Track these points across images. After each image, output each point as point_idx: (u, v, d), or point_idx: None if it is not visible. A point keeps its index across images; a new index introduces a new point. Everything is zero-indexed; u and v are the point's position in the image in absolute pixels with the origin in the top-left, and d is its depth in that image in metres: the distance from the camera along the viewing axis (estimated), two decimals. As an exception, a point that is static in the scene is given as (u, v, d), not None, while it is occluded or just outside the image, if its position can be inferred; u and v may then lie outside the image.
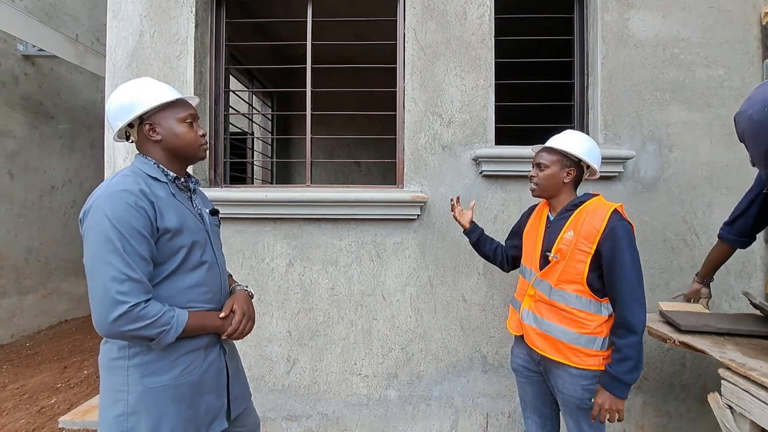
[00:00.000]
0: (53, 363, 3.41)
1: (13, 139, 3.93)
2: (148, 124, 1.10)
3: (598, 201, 1.38)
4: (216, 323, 1.13)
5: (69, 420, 2.37)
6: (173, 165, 1.15)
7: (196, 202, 1.21)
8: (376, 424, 2.17)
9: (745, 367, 1.26)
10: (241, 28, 3.19)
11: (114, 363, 1.03)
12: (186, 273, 1.09)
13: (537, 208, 1.59)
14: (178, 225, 1.05)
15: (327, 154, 5.03)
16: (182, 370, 1.06)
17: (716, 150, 2.13)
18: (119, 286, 0.94)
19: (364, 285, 2.17)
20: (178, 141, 1.12)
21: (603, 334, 1.31)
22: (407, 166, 2.15)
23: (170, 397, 1.04)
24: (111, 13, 2.18)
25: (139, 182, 1.03)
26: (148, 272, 1.00)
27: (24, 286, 4.06)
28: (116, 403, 1.01)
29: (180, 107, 1.14)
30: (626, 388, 1.22)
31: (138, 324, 0.95)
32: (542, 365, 1.44)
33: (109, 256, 0.94)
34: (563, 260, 1.33)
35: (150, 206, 1.01)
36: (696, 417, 2.12)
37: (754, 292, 2.12)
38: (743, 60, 2.13)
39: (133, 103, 1.08)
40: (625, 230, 1.27)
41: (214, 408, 1.15)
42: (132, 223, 0.96)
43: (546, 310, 1.39)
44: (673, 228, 2.13)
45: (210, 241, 1.18)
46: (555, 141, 1.43)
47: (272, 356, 2.17)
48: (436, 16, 2.14)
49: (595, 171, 1.43)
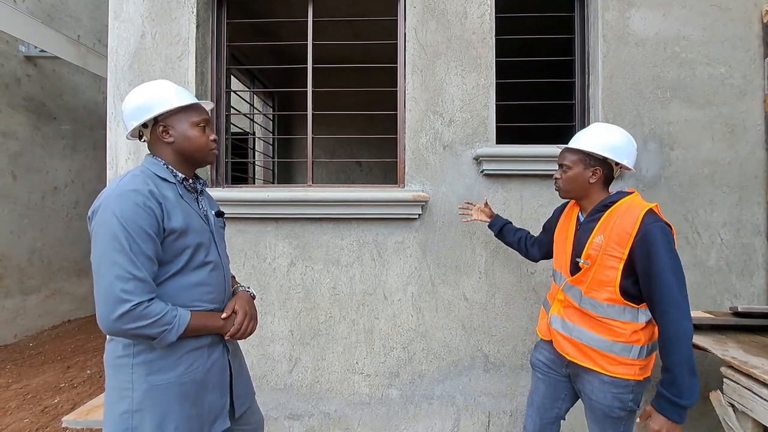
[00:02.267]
0: (56, 363, 3.43)
1: (15, 140, 3.95)
2: (162, 126, 1.12)
3: (631, 201, 1.24)
4: (218, 323, 1.13)
5: (72, 420, 2.39)
6: (182, 167, 1.16)
7: (203, 203, 1.23)
8: (377, 423, 2.18)
9: (747, 364, 1.26)
10: (242, 28, 3.20)
11: (119, 361, 1.04)
12: (190, 272, 1.10)
13: (568, 207, 1.49)
14: (184, 226, 1.07)
15: (328, 154, 5.04)
16: (186, 368, 1.07)
17: (718, 148, 2.12)
18: (124, 284, 0.95)
19: (366, 284, 2.17)
20: (190, 144, 1.14)
21: (641, 342, 1.20)
22: (408, 166, 2.15)
23: (174, 395, 1.05)
24: (112, 14, 2.19)
25: (148, 182, 1.04)
26: (153, 272, 1.01)
27: (27, 286, 4.08)
28: (121, 401, 1.02)
29: (194, 111, 1.16)
30: (683, 411, 1.09)
31: (140, 323, 0.96)
32: (570, 368, 1.37)
33: (116, 255, 0.96)
34: (593, 266, 1.23)
35: (158, 207, 1.02)
36: (698, 415, 2.12)
37: (756, 290, 2.12)
38: (744, 58, 2.12)
39: (151, 104, 1.10)
40: (662, 232, 1.14)
41: (217, 406, 1.15)
42: (139, 223, 0.98)
43: (576, 316, 1.31)
44: (675, 226, 2.09)
45: (215, 242, 1.19)
46: (576, 139, 1.34)
47: (274, 355, 2.18)
48: (437, 15, 2.14)
49: (629, 167, 1.30)
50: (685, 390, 1.07)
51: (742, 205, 2.11)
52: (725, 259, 2.12)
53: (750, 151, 2.12)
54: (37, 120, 4.19)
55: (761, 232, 2.11)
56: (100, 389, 2.83)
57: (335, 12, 2.99)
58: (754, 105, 2.12)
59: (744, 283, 2.12)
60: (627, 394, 1.22)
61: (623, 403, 1.22)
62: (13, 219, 3.93)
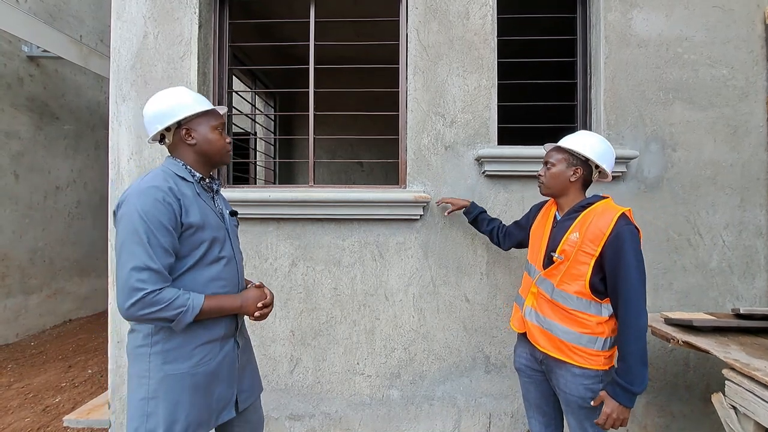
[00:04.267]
0: (58, 362, 3.43)
1: (18, 140, 3.96)
2: (185, 129, 1.20)
3: (606, 204, 1.36)
4: (235, 304, 1.21)
5: (73, 419, 2.39)
6: (201, 167, 1.25)
7: (218, 202, 1.32)
8: (378, 424, 2.18)
9: (750, 367, 1.25)
10: (244, 28, 3.20)
11: (138, 350, 1.12)
12: (206, 266, 1.18)
13: (545, 206, 1.59)
14: (200, 221, 1.15)
15: (329, 154, 5.04)
16: (199, 360, 1.15)
17: (720, 150, 2.12)
18: (138, 274, 1.03)
19: (367, 285, 2.17)
20: (210, 146, 1.23)
21: (604, 335, 1.31)
22: (410, 166, 2.15)
23: (187, 384, 1.12)
24: (115, 15, 2.20)
25: (169, 180, 1.13)
26: (169, 264, 1.09)
27: (29, 285, 4.09)
28: (140, 388, 1.11)
29: (212, 116, 1.25)
30: (633, 397, 1.22)
31: (153, 308, 1.03)
32: (545, 364, 1.45)
33: (134, 247, 1.04)
34: (567, 261, 1.33)
35: (176, 203, 1.10)
36: (700, 417, 2.11)
37: (758, 292, 2.12)
38: (747, 59, 2.12)
39: (174, 109, 1.18)
40: (631, 235, 1.26)
41: (225, 397, 1.23)
42: (158, 217, 1.06)
43: (548, 308, 1.40)
44: (677, 228, 2.12)
45: (229, 238, 1.28)
46: (564, 140, 1.44)
47: (275, 356, 2.18)
48: (439, 16, 2.14)
49: (606, 173, 1.42)
50: (637, 378, 1.21)
51: (744, 207, 2.11)
52: (727, 261, 2.12)
53: (752, 153, 2.11)
54: (40, 120, 4.20)
55: (763, 233, 2.11)
56: (102, 389, 2.83)
57: (337, 12, 2.99)
58: (756, 107, 2.11)
59: (746, 285, 2.12)
60: (597, 384, 1.31)
61: (594, 393, 1.31)
62: (15, 219, 3.94)
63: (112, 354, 2.16)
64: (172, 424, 1.09)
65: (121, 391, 2.16)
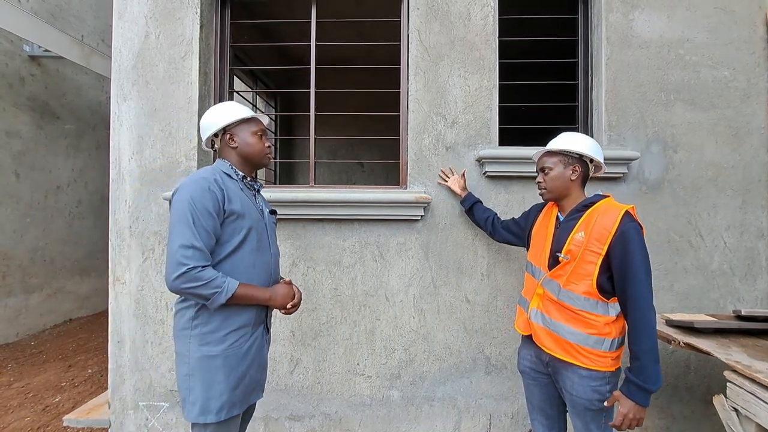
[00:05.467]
0: (58, 362, 3.43)
1: (19, 139, 3.96)
2: (228, 134, 1.40)
3: (609, 202, 1.36)
4: (264, 296, 1.33)
5: (73, 418, 2.39)
6: (244, 167, 1.42)
7: (259, 200, 1.47)
8: (378, 425, 2.17)
9: (751, 368, 1.25)
10: (246, 29, 3.20)
11: (182, 332, 1.28)
12: (245, 254, 1.31)
13: (546, 208, 1.58)
14: (241, 210, 1.30)
15: (330, 155, 5.04)
16: (231, 344, 1.28)
17: (721, 151, 2.11)
18: (184, 251, 1.18)
19: (368, 285, 2.17)
20: (249, 149, 1.40)
21: (611, 335, 1.30)
22: (411, 167, 2.15)
23: (219, 364, 1.26)
24: (116, 15, 2.20)
25: (216, 174, 1.32)
26: (211, 245, 1.24)
27: (29, 285, 4.09)
28: (182, 365, 1.27)
29: (254, 123, 1.42)
30: (649, 395, 1.21)
31: (195, 283, 1.17)
32: (550, 366, 1.43)
33: (182, 228, 1.19)
34: (573, 261, 1.32)
35: (221, 192, 1.27)
36: (701, 419, 2.11)
37: (759, 294, 2.11)
38: (749, 61, 2.12)
39: (220, 118, 1.38)
40: (637, 232, 1.26)
41: (255, 379, 1.37)
42: (204, 204, 1.22)
43: (554, 309, 1.38)
44: (678, 229, 2.12)
45: (267, 232, 1.42)
46: (552, 143, 1.46)
47: (275, 356, 2.17)
48: (440, 16, 2.14)
49: (600, 165, 1.44)
50: (652, 376, 1.19)
51: (745, 209, 2.11)
52: (728, 263, 2.11)
53: (754, 155, 2.11)
54: (41, 119, 4.20)
55: (765, 235, 2.11)
56: (101, 388, 2.83)
57: (338, 13, 2.99)
58: (758, 108, 2.11)
59: (747, 287, 2.11)
60: (604, 385, 1.30)
61: (602, 394, 1.30)
62: (16, 218, 3.94)
63: (112, 353, 2.16)
64: (208, 400, 1.24)
65: (121, 391, 2.16)
